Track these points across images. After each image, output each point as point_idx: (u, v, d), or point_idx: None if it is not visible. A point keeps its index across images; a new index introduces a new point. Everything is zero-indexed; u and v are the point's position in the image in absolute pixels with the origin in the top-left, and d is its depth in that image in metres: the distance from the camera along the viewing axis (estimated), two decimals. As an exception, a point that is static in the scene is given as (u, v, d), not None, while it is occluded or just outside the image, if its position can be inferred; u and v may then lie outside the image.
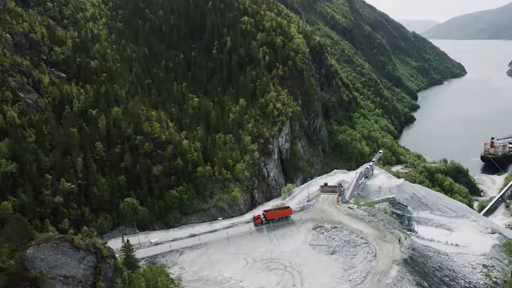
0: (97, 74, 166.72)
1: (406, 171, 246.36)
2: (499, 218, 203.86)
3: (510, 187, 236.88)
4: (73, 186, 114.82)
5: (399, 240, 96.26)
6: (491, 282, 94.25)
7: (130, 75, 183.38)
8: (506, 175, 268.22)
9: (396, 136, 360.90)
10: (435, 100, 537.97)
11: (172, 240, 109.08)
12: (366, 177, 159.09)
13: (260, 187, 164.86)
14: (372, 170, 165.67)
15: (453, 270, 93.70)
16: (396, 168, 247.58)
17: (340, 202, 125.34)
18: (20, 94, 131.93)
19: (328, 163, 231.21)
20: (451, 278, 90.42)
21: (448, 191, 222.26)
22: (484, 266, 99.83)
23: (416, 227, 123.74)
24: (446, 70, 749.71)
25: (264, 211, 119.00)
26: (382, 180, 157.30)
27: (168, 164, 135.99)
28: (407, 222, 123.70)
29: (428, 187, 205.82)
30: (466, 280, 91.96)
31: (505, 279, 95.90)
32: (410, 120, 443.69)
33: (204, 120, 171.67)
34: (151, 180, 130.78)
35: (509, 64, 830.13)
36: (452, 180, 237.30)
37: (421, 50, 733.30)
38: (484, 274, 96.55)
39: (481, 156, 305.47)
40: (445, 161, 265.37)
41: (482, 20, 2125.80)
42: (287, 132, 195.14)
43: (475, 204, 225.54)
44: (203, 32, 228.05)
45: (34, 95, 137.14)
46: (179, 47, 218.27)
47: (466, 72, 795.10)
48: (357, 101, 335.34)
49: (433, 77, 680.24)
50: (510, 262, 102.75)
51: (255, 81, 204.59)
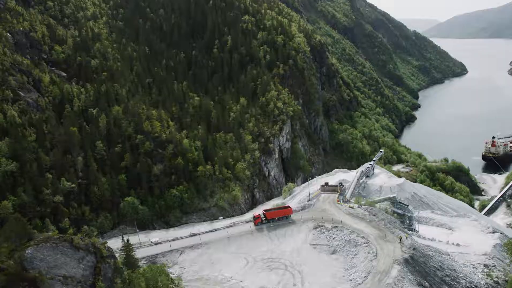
0: (97, 73, 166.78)
1: (407, 170, 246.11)
2: (500, 217, 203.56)
3: (511, 186, 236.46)
4: (73, 185, 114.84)
5: (400, 239, 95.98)
6: (492, 282, 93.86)
7: (131, 74, 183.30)
8: (507, 174, 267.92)
9: (397, 135, 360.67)
10: (436, 99, 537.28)
11: (173, 240, 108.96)
12: (367, 176, 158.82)
13: (261, 186, 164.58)
14: (373, 170, 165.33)
15: (454, 269, 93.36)
16: (397, 167, 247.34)
17: (341, 201, 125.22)
18: (20, 93, 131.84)
19: (329, 162, 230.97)
20: (452, 278, 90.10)
21: (449, 190, 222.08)
22: (485, 265, 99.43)
23: (417, 227, 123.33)
24: (447, 69, 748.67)
25: (264, 210, 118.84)
26: (383, 180, 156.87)
27: (169, 163, 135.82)
28: (408, 222, 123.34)
29: (429, 186, 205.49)
30: (467, 280, 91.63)
31: (506, 278, 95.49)
32: (411, 119, 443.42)
33: (205, 119, 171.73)
34: (151, 179, 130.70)
35: (510, 63, 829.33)
36: (453, 179, 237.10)
37: (422, 49, 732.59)
38: (485, 274, 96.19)
39: (482, 155, 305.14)
40: (446, 160, 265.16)
41: (483, 19, 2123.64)
42: (287, 131, 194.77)
43: (476, 203, 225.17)
44: (204, 31, 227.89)
45: (35, 94, 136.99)
46: (180, 46, 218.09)
47: (467, 71, 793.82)
48: (358, 100, 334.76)
49: (434, 76, 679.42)
50: (511, 262, 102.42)
51: (255, 80, 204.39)
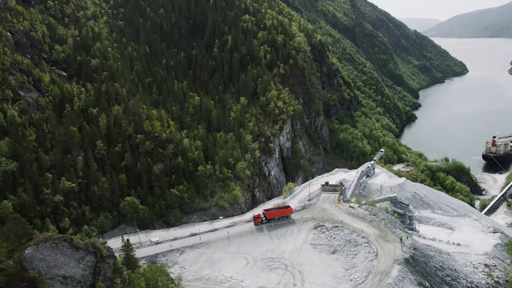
0: (97, 73, 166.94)
1: (408, 169, 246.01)
2: (500, 217, 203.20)
3: (511, 186, 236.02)
4: (73, 185, 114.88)
5: (401, 239, 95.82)
6: (493, 282, 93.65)
7: (131, 74, 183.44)
8: (507, 173, 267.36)
9: (398, 135, 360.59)
10: (437, 99, 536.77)
11: (173, 239, 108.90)
12: (368, 176, 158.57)
13: (261, 186, 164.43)
14: (374, 169, 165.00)
15: (454, 269, 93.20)
16: (397, 167, 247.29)
17: (341, 201, 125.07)
18: (20, 92, 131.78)
19: (329, 161, 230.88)
20: (453, 277, 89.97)
21: (450, 190, 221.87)
22: (486, 265, 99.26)
23: (418, 226, 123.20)
24: (447, 68, 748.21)
25: (264, 210, 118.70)
26: (384, 179, 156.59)
27: (169, 163, 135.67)
28: (408, 221, 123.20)
29: (429, 186, 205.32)
30: (467, 280, 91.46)
31: (507, 278, 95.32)
32: (412, 118, 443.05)
33: (205, 119, 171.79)
34: (151, 179, 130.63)
35: (510, 62, 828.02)
36: (453, 179, 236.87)
37: (422, 49, 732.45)
38: (486, 273, 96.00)
39: (482, 155, 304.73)
40: (446, 159, 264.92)
41: (483, 19, 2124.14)
42: (288, 130, 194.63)
43: (477, 203, 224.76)
44: (204, 30, 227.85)
45: (35, 93, 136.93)
46: (180, 46, 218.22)
47: (468, 71, 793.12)
48: (358, 99, 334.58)
49: (434, 75, 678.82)
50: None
51: (256, 79, 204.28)
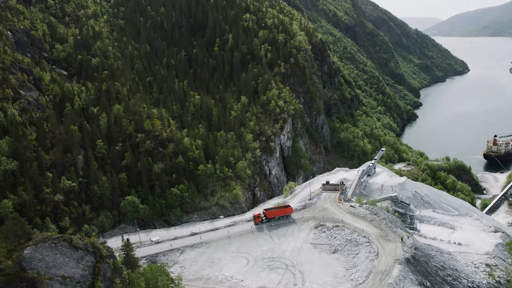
0: (98, 72, 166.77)
1: (409, 169, 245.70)
2: (502, 216, 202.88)
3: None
4: (73, 184, 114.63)
5: (402, 239, 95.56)
6: (494, 281, 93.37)
7: (132, 73, 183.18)
8: (509, 173, 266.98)
9: (399, 134, 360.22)
10: (438, 98, 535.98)
11: (173, 239, 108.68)
12: (368, 175, 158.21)
13: (262, 185, 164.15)
14: (374, 168, 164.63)
15: (455, 269, 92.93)
16: (398, 166, 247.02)
17: (342, 200, 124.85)
18: (21, 91, 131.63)
19: (330, 161, 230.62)
20: (454, 277, 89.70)
21: (451, 189, 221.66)
22: (487, 265, 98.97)
23: (419, 226, 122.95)
24: (448, 67, 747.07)
25: (264, 209, 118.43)
26: (384, 178, 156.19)
27: (169, 162, 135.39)
28: (409, 221, 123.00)
29: (430, 185, 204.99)
30: (469, 279, 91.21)
31: (508, 278, 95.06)
32: (413, 117, 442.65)
33: (206, 118, 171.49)
34: (152, 178, 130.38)
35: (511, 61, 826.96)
36: (454, 178, 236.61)
37: (423, 48, 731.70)
38: (487, 273, 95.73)
39: (484, 154, 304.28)
40: (447, 159, 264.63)
41: (484, 18, 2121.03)
42: (289, 129, 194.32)
43: (478, 202, 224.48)
44: (205, 29, 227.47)
45: (35, 92, 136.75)
46: (181, 45, 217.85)
47: (469, 70, 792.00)
48: (359, 98, 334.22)
49: (435, 74, 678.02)
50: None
51: (257, 78, 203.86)
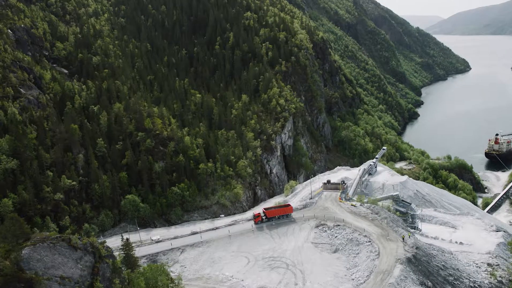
0: (99, 70, 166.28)
1: (410, 167, 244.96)
2: (503, 215, 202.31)
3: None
4: (74, 183, 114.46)
5: (403, 238, 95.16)
6: (496, 281, 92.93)
7: (132, 71, 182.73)
8: (510, 171, 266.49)
9: (400, 132, 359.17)
10: (439, 96, 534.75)
11: (174, 238, 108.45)
12: (370, 174, 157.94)
13: (263, 184, 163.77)
14: (376, 167, 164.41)
15: (457, 269, 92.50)
16: (399, 165, 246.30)
17: (343, 199, 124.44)
18: (21, 90, 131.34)
19: (331, 159, 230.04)
20: (456, 277, 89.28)
21: (452, 188, 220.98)
22: (489, 265, 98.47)
23: (420, 225, 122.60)
24: (450, 65, 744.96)
25: (265, 209, 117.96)
26: (386, 177, 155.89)
27: (170, 160, 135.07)
28: (410, 220, 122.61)
29: (432, 183, 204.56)
30: (470, 279, 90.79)
31: (510, 278, 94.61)
32: (414, 116, 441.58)
33: (207, 117, 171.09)
34: (152, 177, 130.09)
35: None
36: (456, 177, 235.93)
37: (425, 46, 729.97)
38: (488, 273, 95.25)
39: (485, 153, 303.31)
40: (449, 157, 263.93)
41: (485, 16, 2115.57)
42: (290, 128, 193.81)
43: (479, 201, 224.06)
44: (206, 27, 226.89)
45: (36, 91, 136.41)
46: (182, 43, 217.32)
47: (470, 68, 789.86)
48: (360, 97, 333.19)
49: (437, 72, 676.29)
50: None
51: (258, 77, 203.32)
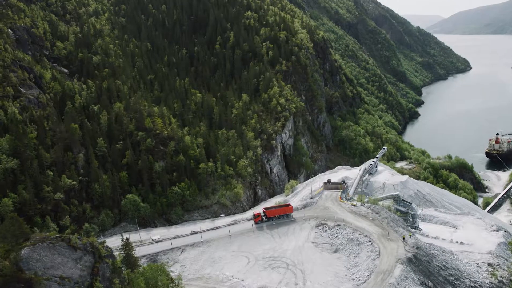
0: (99, 70, 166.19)
1: (411, 167, 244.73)
2: (504, 215, 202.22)
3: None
4: (74, 182, 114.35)
5: (403, 238, 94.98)
6: (497, 281, 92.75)
7: (133, 71, 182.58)
8: (511, 171, 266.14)
9: (400, 132, 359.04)
10: (440, 96, 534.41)
11: (174, 238, 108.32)
12: (370, 173, 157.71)
13: (263, 183, 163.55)
14: (376, 167, 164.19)
15: (458, 269, 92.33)
16: (400, 164, 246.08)
17: (344, 199, 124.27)
18: (21, 89, 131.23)
19: (332, 159, 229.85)
20: (456, 277, 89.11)
21: (453, 188, 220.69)
22: (490, 264, 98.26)
23: (421, 225, 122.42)
24: (450, 65, 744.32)
25: (265, 208, 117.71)
26: (386, 177, 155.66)
27: (170, 160, 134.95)
28: (411, 220, 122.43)
29: (432, 183, 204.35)
30: (471, 279, 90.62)
31: (511, 278, 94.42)
32: (415, 115, 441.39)
33: (207, 116, 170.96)
34: (153, 176, 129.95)
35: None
36: (456, 177, 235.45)
37: (425, 45, 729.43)
38: (489, 273, 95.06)
39: (486, 152, 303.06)
40: (449, 157, 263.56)
41: (486, 15, 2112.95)
42: (290, 128, 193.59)
43: (480, 200, 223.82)
44: (206, 27, 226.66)
45: (36, 90, 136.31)
46: (182, 42, 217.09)
47: (471, 67, 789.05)
48: (361, 96, 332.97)
49: (437, 72, 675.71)
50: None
51: (258, 76, 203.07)
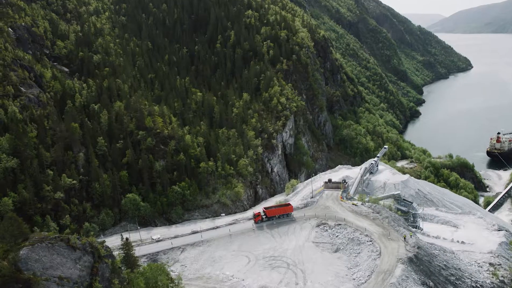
0: (99, 69, 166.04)
1: (411, 166, 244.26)
2: (505, 214, 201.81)
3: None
4: (74, 182, 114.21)
5: (404, 238, 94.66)
6: (498, 281, 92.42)
7: (133, 70, 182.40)
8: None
9: (401, 131, 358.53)
10: (441, 95, 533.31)
11: (174, 237, 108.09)
12: (371, 172, 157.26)
13: (264, 182, 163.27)
14: (377, 166, 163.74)
15: (459, 268, 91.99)
16: (401, 163, 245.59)
17: (344, 198, 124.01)
18: (21, 88, 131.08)
19: (333, 158, 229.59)
20: (457, 277, 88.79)
21: (454, 187, 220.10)
22: (491, 264, 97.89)
23: (422, 224, 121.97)
24: (451, 64, 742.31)
25: (265, 208, 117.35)
26: (387, 176, 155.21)
27: (171, 159, 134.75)
28: (412, 219, 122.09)
29: (433, 182, 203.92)
30: (472, 279, 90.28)
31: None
32: (415, 114, 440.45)
33: (207, 115, 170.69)
34: (153, 175, 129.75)
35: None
36: (457, 176, 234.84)
37: (426, 44, 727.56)
38: (490, 272, 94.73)
39: (487, 151, 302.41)
40: (450, 156, 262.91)
41: (487, 14, 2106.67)
42: (291, 127, 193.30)
43: (481, 199, 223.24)
44: (207, 26, 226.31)
45: (36, 89, 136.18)
46: (183, 41, 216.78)
47: (472, 66, 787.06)
48: (362, 95, 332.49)
49: (438, 71, 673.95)
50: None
51: (259, 75, 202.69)
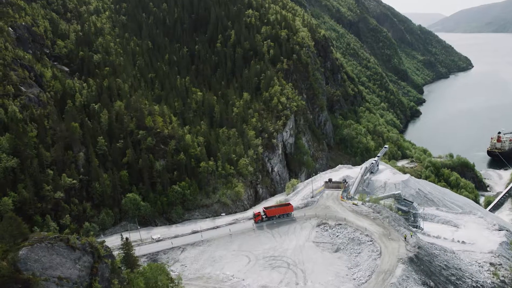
0: (100, 68, 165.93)
1: (412, 166, 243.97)
2: (505, 214, 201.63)
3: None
4: (74, 181, 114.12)
5: (405, 237, 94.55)
6: (499, 281, 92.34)
7: (133, 69, 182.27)
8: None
9: (402, 130, 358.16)
10: (441, 94, 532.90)
11: (174, 237, 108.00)
12: (371, 172, 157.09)
13: (264, 182, 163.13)
14: (377, 165, 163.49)
15: (459, 268, 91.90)
16: (401, 163, 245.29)
17: (345, 198, 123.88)
18: (22, 88, 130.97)
19: (333, 157, 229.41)
20: (458, 277, 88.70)
21: (454, 186, 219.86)
22: (492, 264, 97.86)
23: (422, 224, 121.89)
24: (452, 63, 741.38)
25: (265, 208, 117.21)
26: (388, 176, 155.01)
27: (171, 159, 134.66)
28: (412, 219, 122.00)
29: (434, 182, 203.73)
30: (473, 279, 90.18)
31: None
32: (416, 114, 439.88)
33: (208, 115, 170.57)
34: (153, 175, 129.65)
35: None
36: (458, 175, 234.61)
37: (427, 44, 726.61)
38: (491, 272, 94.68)
39: (487, 151, 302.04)
40: (451, 155, 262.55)
41: (488, 14, 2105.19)
42: (291, 126, 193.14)
43: (482, 199, 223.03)
44: (207, 25, 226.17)
45: (36, 89, 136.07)
46: (183, 41, 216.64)
47: (473, 66, 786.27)
48: (362, 95, 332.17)
49: (439, 70, 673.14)
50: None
51: (259, 75, 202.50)
